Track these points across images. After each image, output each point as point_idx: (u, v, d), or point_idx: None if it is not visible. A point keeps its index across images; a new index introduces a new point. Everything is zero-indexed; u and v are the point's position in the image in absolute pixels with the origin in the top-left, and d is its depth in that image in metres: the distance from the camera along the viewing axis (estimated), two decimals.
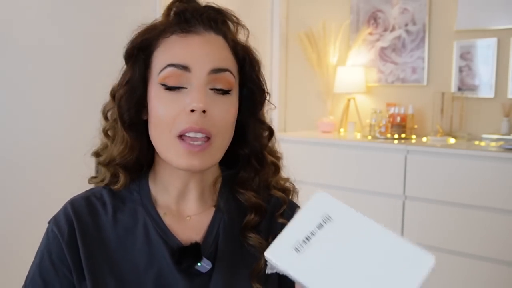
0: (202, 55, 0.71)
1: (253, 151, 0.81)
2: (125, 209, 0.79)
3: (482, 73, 2.53)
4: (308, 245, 0.52)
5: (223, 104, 0.72)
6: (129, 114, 0.76)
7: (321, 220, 0.53)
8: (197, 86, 0.70)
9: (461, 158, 2.14)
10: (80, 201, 0.79)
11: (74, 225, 0.75)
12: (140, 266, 0.75)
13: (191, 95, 0.70)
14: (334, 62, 2.96)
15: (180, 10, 0.75)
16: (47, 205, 2.03)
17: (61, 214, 0.77)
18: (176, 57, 0.71)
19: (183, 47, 0.72)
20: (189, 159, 0.70)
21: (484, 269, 2.10)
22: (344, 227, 0.53)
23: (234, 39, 0.77)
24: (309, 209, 0.54)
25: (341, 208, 0.54)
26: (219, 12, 0.77)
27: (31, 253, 0.84)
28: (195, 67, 0.70)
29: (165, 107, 0.71)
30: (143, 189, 0.80)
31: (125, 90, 0.75)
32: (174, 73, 0.70)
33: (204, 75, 0.70)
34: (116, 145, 0.78)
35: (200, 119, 0.69)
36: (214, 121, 0.71)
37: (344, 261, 0.51)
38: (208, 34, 0.74)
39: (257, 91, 0.80)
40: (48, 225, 0.78)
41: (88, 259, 0.74)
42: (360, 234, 0.52)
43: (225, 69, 0.72)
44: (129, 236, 0.76)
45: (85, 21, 2.13)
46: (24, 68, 1.93)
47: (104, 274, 0.74)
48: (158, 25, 0.76)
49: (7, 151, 1.90)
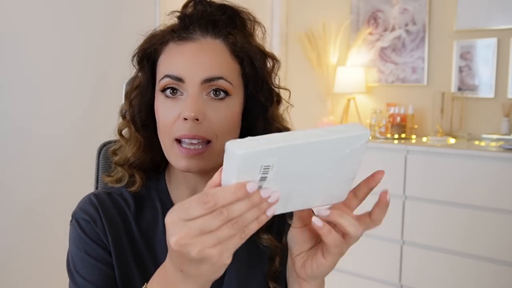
0: (195, 64, 0.73)
1: None
2: (146, 206, 0.81)
3: (482, 73, 2.53)
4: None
5: (220, 109, 0.73)
6: (140, 116, 0.79)
7: (261, 172, 0.51)
8: (191, 94, 0.72)
9: (461, 158, 2.14)
10: (103, 195, 0.80)
11: (101, 214, 0.77)
12: (160, 259, 0.77)
13: (184, 104, 0.72)
14: (334, 62, 2.96)
15: (182, 15, 0.77)
16: (48, 204, 2.04)
17: (86, 204, 0.78)
18: (171, 68, 0.73)
19: (178, 56, 0.74)
20: (187, 162, 0.72)
21: (484, 269, 2.10)
22: (285, 162, 0.51)
23: (235, 42, 0.77)
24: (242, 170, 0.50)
25: (271, 149, 0.50)
26: (225, 12, 0.77)
27: (31, 254, 0.84)
28: (188, 77, 0.72)
29: (164, 113, 0.74)
30: (160, 187, 0.82)
31: (136, 94, 0.79)
32: (170, 82, 0.73)
33: (197, 85, 0.72)
34: (130, 146, 0.80)
35: (193, 126, 0.71)
36: (211, 126, 0.73)
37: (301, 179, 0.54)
38: (204, 40, 0.75)
39: (261, 92, 0.80)
40: (74, 218, 0.78)
41: (116, 248, 0.76)
42: (301, 157, 0.52)
43: (218, 77, 0.73)
44: (150, 231, 0.79)
45: (86, 25, 2.13)
46: (25, 70, 1.93)
47: (129, 265, 0.76)
48: (159, 33, 0.78)
49: (7, 151, 1.90)
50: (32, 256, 1.95)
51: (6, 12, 1.86)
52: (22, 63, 1.93)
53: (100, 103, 2.09)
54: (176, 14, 0.78)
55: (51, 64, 2.02)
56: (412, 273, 2.31)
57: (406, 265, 2.32)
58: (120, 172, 0.82)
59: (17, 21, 1.90)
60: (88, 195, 0.81)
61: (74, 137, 2.08)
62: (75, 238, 0.77)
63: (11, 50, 1.89)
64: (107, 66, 2.08)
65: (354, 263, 2.48)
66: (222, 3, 0.79)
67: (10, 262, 1.90)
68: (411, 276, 2.31)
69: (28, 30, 1.93)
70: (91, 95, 2.12)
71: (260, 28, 0.82)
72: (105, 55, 2.14)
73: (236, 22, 0.78)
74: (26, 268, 1.94)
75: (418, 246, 2.28)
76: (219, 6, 0.78)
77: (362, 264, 2.46)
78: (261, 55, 0.79)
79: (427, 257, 2.25)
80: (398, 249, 2.33)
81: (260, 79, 0.79)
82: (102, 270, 0.74)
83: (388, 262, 2.36)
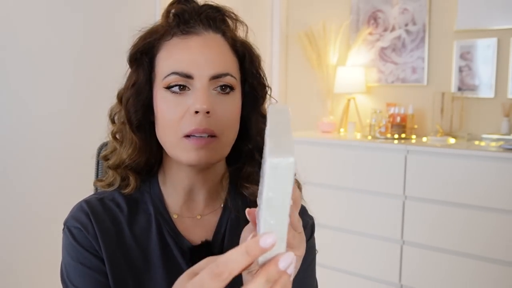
0: (202, 60, 0.73)
1: (256, 145, 0.82)
2: (139, 210, 0.80)
3: (482, 73, 2.53)
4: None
5: (226, 103, 0.74)
6: (136, 116, 0.77)
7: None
8: (200, 88, 0.72)
9: (461, 158, 2.14)
10: (94, 201, 0.79)
11: (92, 221, 0.76)
12: (154, 265, 0.76)
13: (194, 97, 0.72)
14: (334, 62, 2.96)
15: (179, 11, 0.77)
16: (48, 206, 2.04)
17: (77, 212, 0.78)
18: (179, 65, 0.73)
19: (184, 51, 0.74)
20: (198, 153, 0.72)
21: (484, 269, 2.10)
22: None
23: (233, 37, 0.78)
24: None
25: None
26: (217, 10, 0.78)
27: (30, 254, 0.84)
28: (197, 74, 0.72)
29: (170, 109, 0.73)
30: (153, 190, 0.81)
31: (131, 93, 0.77)
32: (178, 79, 0.73)
33: (206, 81, 0.73)
34: (125, 148, 0.79)
35: (204, 119, 0.71)
36: (218, 120, 0.73)
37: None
38: (207, 34, 0.76)
39: (258, 86, 0.81)
40: (65, 226, 0.77)
41: (109, 255, 0.75)
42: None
43: (225, 73, 0.74)
44: (144, 235, 0.78)
45: (85, 23, 2.13)
46: (25, 70, 1.93)
47: (122, 271, 0.75)
48: (159, 28, 0.77)
49: (7, 151, 1.90)
50: (32, 256, 1.95)
51: (5, 11, 1.86)
52: (22, 63, 1.93)
53: (100, 103, 2.08)
54: (172, 12, 0.78)
55: (51, 63, 2.01)
56: (412, 273, 2.31)
57: (406, 265, 2.32)
58: (111, 177, 0.81)
59: (17, 20, 1.90)
60: (79, 202, 0.80)
61: (74, 137, 2.08)
62: (67, 247, 0.76)
63: (11, 50, 1.89)
64: (107, 65, 2.07)
65: (354, 263, 2.48)
66: (207, 2, 0.79)
67: (9, 260, 1.90)
68: (411, 276, 2.31)
69: (28, 30, 1.93)
70: (91, 95, 2.12)
71: (242, 26, 0.82)
72: (105, 55, 2.14)
73: (225, 20, 0.80)
74: (25, 267, 1.94)
75: (418, 246, 2.28)
76: (207, 4, 0.78)
77: (362, 264, 2.46)
78: (255, 51, 0.81)
79: (427, 257, 2.25)
80: (398, 249, 2.33)
81: (257, 74, 0.81)
82: (96, 279, 0.73)
83: (388, 262, 2.36)
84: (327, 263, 2.53)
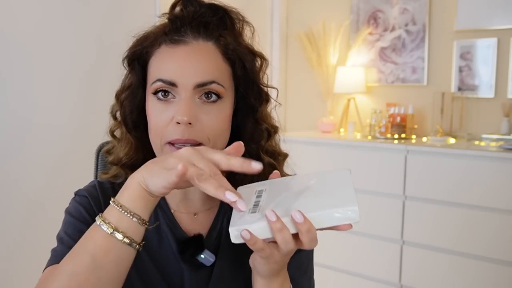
0: (187, 69, 0.73)
1: (248, 152, 0.81)
2: None
3: (482, 73, 2.53)
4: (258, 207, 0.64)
5: (212, 112, 0.74)
6: (131, 117, 0.80)
7: (256, 195, 0.67)
8: (184, 98, 0.73)
9: (461, 158, 2.14)
10: (107, 183, 0.83)
11: (100, 198, 0.80)
12: (150, 253, 0.79)
13: (177, 107, 0.72)
14: (334, 62, 2.96)
15: (172, 18, 0.77)
16: (48, 205, 2.04)
17: (90, 187, 0.83)
18: (164, 72, 0.74)
19: (171, 60, 0.74)
20: None
21: (484, 269, 2.10)
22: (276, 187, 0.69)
23: (227, 43, 0.77)
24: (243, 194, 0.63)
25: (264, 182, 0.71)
26: (217, 12, 0.78)
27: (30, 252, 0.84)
28: (181, 82, 0.73)
29: (157, 115, 0.75)
30: None
31: (127, 95, 0.79)
32: (162, 86, 0.74)
33: (190, 90, 0.73)
34: (122, 146, 0.82)
35: (186, 130, 0.72)
36: (202, 130, 0.73)
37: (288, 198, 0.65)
38: (196, 43, 0.75)
39: (251, 93, 0.80)
40: (75, 194, 0.82)
41: None
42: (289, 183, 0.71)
43: (210, 81, 0.74)
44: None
45: (85, 23, 2.13)
46: (25, 69, 1.93)
47: None
48: (150, 35, 0.78)
49: (7, 151, 1.90)
50: (31, 255, 1.95)
51: (3, 10, 1.86)
52: (22, 62, 1.93)
53: (100, 103, 2.08)
54: (168, 16, 0.78)
55: (51, 63, 2.02)
56: (412, 273, 2.31)
57: (406, 265, 2.32)
58: (116, 170, 0.84)
59: (17, 20, 1.90)
60: (93, 180, 0.84)
61: (73, 137, 2.08)
62: (70, 209, 0.79)
63: (11, 50, 1.89)
64: (108, 65, 2.07)
65: (354, 263, 2.48)
66: (212, 2, 0.78)
67: (9, 259, 1.90)
68: (411, 276, 2.31)
69: (28, 30, 1.93)
70: (91, 95, 2.12)
71: (249, 27, 0.82)
72: (105, 55, 2.14)
73: (226, 23, 0.79)
74: (25, 267, 1.94)
75: (418, 246, 2.28)
76: (210, 6, 0.78)
77: (362, 264, 2.46)
78: (251, 56, 0.80)
79: (427, 257, 2.25)
80: (398, 249, 2.33)
81: (251, 81, 0.80)
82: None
83: (388, 262, 2.36)
84: (327, 263, 2.53)
